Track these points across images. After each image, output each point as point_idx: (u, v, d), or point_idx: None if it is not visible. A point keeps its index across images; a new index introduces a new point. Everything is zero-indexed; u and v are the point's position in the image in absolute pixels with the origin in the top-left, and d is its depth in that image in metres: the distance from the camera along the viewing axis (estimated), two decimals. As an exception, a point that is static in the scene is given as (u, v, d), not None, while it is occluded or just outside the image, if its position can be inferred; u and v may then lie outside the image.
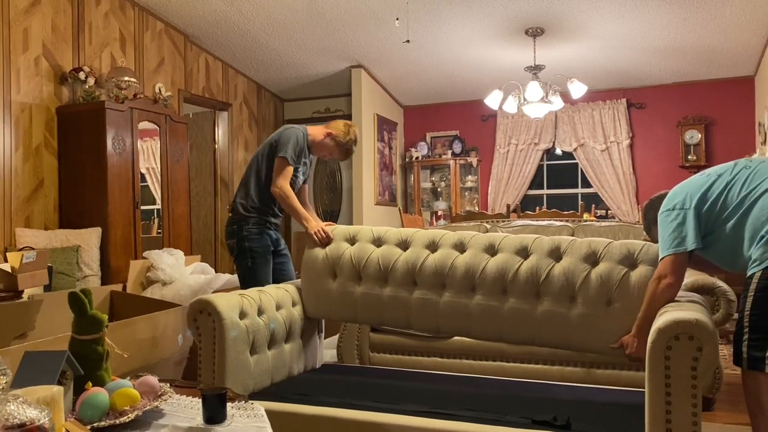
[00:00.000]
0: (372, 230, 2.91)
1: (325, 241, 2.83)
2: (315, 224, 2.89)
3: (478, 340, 3.05)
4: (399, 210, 7.70)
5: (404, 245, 2.80)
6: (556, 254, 2.54)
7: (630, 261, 2.43)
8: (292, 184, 3.20)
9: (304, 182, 3.40)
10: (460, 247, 2.70)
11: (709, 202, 2.23)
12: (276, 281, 3.20)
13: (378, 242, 2.85)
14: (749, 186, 2.20)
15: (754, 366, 2.08)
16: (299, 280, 2.93)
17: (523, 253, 2.58)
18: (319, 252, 2.89)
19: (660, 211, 2.32)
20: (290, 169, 3.08)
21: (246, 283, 3.18)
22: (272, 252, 3.30)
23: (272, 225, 3.30)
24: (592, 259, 2.48)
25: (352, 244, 2.89)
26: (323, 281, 2.85)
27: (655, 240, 2.51)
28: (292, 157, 3.09)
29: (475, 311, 2.58)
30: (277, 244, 3.34)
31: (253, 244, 3.12)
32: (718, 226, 2.23)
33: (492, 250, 2.64)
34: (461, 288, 2.62)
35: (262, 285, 3.01)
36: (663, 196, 2.46)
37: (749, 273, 2.16)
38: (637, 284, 2.35)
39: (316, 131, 3.30)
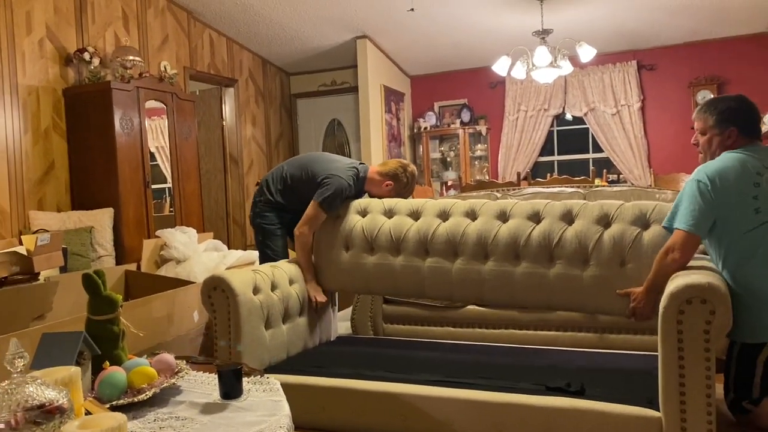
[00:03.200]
0: (383, 202, 2.91)
1: (318, 303, 2.86)
2: (313, 290, 2.86)
3: (492, 306, 3.06)
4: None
5: (415, 215, 2.81)
6: (568, 218, 2.52)
7: (642, 221, 2.41)
8: None
9: None
10: (472, 215, 2.70)
11: (731, 204, 2.13)
12: None
13: (389, 213, 2.86)
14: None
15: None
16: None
17: (535, 218, 2.57)
18: (331, 225, 2.90)
19: (696, 175, 2.18)
20: (322, 218, 2.91)
21: (260, 257, 3.23)
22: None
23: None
24: (605, 221, 2.46)
25: (364, 216, 2.89)
26: (335, 254, 2.87)
27: (706, 128, 2.32)
28: (329, 208, 2.91)
29: (489, 277, 2.59)
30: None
31: (263, 221, 3.14)
32: (726, 226, 2.15)
33: (504, 217, 2.63)
34: (474, 255, 2.62)
35: (273, 261, 3.04)
36: (734, 97, 2.33)
37: (759, 341, 2.12)
38: (651, 244, 2.34)
39: (373, 174, 3.08)
